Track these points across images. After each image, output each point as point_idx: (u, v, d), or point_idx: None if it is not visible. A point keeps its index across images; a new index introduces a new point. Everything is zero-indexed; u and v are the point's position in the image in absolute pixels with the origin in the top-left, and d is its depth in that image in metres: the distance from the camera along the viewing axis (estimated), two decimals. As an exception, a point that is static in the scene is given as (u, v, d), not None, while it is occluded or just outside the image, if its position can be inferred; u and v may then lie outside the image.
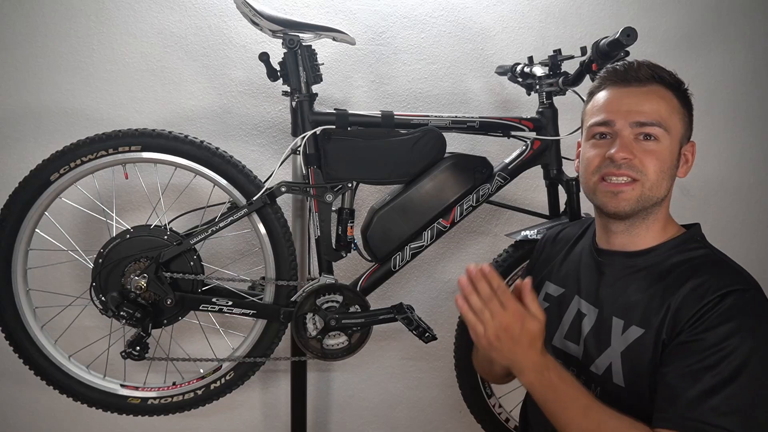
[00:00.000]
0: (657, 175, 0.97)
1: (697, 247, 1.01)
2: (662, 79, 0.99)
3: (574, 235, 1.21)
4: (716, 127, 1.98)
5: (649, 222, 1.01)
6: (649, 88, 0.99)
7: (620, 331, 0.98)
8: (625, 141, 0.97)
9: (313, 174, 1.44)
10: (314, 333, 1.44)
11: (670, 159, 0.98)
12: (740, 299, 0.88)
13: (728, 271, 0.95)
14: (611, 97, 1.01)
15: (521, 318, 0.89)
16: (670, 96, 0.99)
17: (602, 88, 1.04)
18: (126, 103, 1.76)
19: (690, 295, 0.91)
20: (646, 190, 0.97)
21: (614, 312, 1.00)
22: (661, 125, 0.96)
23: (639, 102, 0.98)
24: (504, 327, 0.89)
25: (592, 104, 1.05)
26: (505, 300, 0.90)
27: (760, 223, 2.04)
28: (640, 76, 0.99)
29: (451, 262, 1.94)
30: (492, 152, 1.76)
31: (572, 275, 1.13)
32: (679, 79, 1.02)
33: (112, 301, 1.34)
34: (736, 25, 1.95)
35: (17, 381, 1.81)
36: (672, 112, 0.98)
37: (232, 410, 1.90)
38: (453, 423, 1.99)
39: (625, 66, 1.02)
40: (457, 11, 1.85)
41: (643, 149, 0.97)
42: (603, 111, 1.01)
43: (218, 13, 1.76)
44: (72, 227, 1.73)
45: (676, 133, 0.99)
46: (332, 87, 1.81)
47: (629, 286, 1.00)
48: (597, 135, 1.02)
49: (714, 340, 0.86)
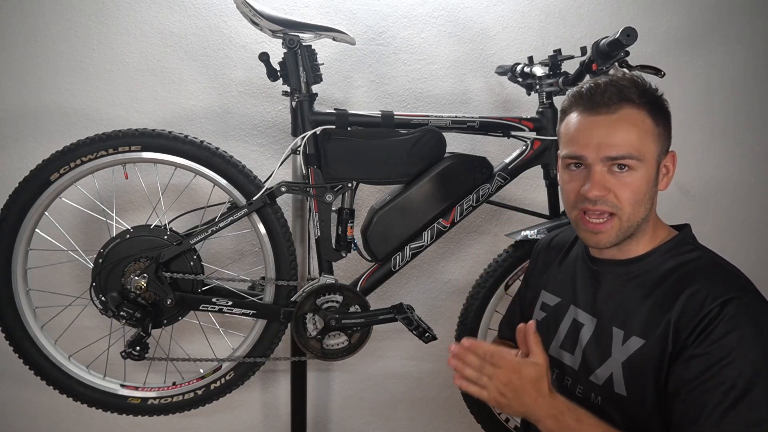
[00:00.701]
0: (632, 206, 0.95)
1: (690, 249, 1.00)
2: (630, 100, 0.95)
3: (567, 240, 1.21)
4: (716, 127, 1.98)
5: (637, 238, 1.00)
6: (618, 115, 0.95)
7: (620, 341, 0.97)
8: (598, 177, 0.95)
9: (313, 174, 1.44)
10: (314, 333, 1.44)
11: (646, 185, 0.96)
12: (740, 306, 0.88)
13: (723, 276, 0.94)
14: (581, 128, 0.97)
15: (517, 369, 0.92)
16: (642, 117, 0.95)
17: (571, 111, 1.01)
18: (126, 103, 1.76)
19: (689, 304, 0.91)
20: (624, 222, 0.96)
21: (614, 322, 1.00)
22: (633, 157, 0.94)
23: (609, 133, 0.94)
24: (504, 383, 0.92)
25: (564, 128, 1.02)
26: (496, 360, 0.93)
27: (760, 223, 2.04)
28: (606, 101, 0.95)
29: (451, 262, 1.94)
30: (492, 152, 1.76)
31: (568, 284, 1.12)
32: (650, 94, 0.97)
33: (112, 301, 1.34)
34: (736, 25, 1.95)
35: (17, 381, 1.81)
36: (644, 137, 0.95)
37: (232, 410, 1.90)
38: (453, 423, 1.99)
39: (591, 90, 0.97)
40: (457, 11, 1.85)
41: (618, 182, 0.95)
42: (574, 144, 0.98)
43: (218, 13, 1.76)
44: (72, 227, 1.73)
45: (651, 156, 0.96)
46: (332, 87, 1.81)
47: (626, 295, 1.00)
48: (571, 165, 1.00)
49: (723, 353, 0.86)
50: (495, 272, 1.54)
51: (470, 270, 1.94)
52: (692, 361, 0.88)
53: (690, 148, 1.96)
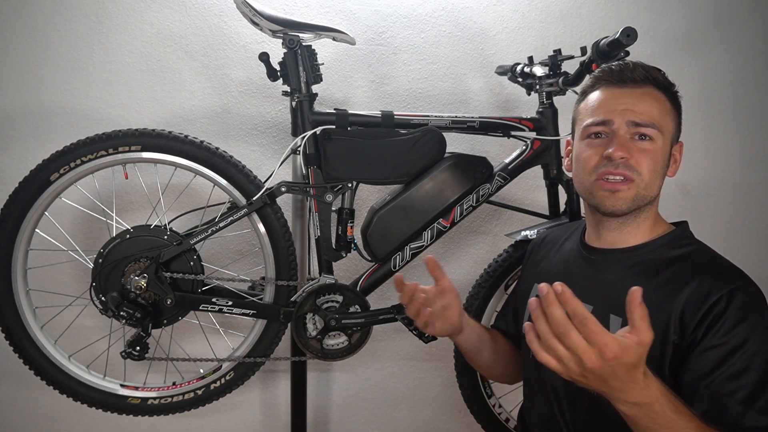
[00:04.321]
0: (651, 174, 0.99)
1: (688, 243, 1.03)
2: (656, 81, 1.02)
3: (560, 237, 1.23)
4: (716, 127, 1.98)
5: (640, 220, 1.03)
6: (643, 90, 1.01)
7: (618, 327, 0.97)
8: (622, 140, 0.99)
9: (313, 174, 1.44)
10: (314, 333, 1.44)
11: (662, 159, 1.01)
12: (746, 295, 0.90)
13: (724, 267, 0.97)
14: (607, 97, 1.03)
15: (617, 356, 0.71)
16: (663, 98, 1.02)
17: (596, 88, 1.06)
18: (126, 103, 1.76)
19: (693, 295, 0.92)
20: (641, 189, 0.99)
21: (611, 309, 1.00)
22: (655, 126, 0.99)
23: (635, 102, 1.00)
24: (591, 368, 0.72)
25: (585, 104, 1.07)
26: (588, 331, 0.72)
27: (760, 222, 2.04)
28: (635, 77, 1.01)
29: (451, 262, 1.94)
30: (492, 152, 1.76)
31: (561, 275, 1.13)
32: (670, 81, 1.04)
33: (112, 301, 1.34)
34: (735, 25, 1.95)
35: (17, 381, 1.81)
36: (665, 113, 1.01)
37: (232, 410, 1.90)
38: (453, 423, 1.99)
39: (620, 66, 1.04)
40: (457, 11, 1.85)
41: (639, 149, 0.99)
42: (600, 110, 1.02)
43: (218, 13, 1.76)
44: (72, 227, 1.73)
45: (668, 133, 1.01)
46: (332, 87, 1.81)
47: (624, 281, 1.00)
48: (593, 134, 1.03)
49: (737, 342, 0.87)
50: (495, 272, 1.54)
51: (470, 270, 1.94)
52: (707, 353, 0.88)
53: (690, 148, 1.95)
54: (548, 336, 0.74)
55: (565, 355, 0.73)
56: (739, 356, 0.86)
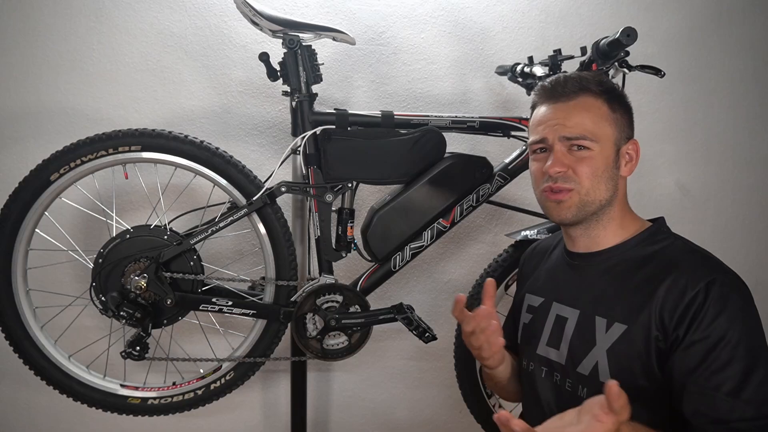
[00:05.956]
0: (590, 180, 1.01)
1: (664, 238, 1.04)
2: (589, 90, 1.04)
3: (549, 246, 1.25)
4: (716, 127, 1.98)
5: (603, 222, 1.05)
6: (575, 101, 1.03)
7: (604, 329, 0.99)
8: (558, 155, 1.03)
9: (313, 174, 1.44)
10: (314, 333, 1.44)
11: (603, 163, 1.02)
12: (723, 286, 0.91)
13: (701, 260, 0.98)
14: (542, 115, 1.07)
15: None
16: (598, 104, 1.03)
17: (538, 105, 1.10)
18: (126, 103, 1.76)
19: (671, 291, 0.93)
20: (582, 196, 1.02)
21: (595, 311, 1.02)
22: (586, 137, 1.01)
23: (565, 117, 1.03)
24: None
25: (531, 121, 1.12)
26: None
27: (760, 223, 2.04)
28: (566, 91, 1.04)
29: (451, 262, 1.94)
30: (492, 152, 1.77)
31: (549, 283, 1.16)
32: (609, 86, 1.06)
33: (112, 301, 1.34)
34: (736, 26, 1.95)
35: (17, 381, 1.81)
36: (599, 120, 1.02)
37: (232, 410, 1.90)
38: (453, 423, 1.99)
39: (552, 83, 1.07)
40: (457, 11, 1.85)
41: (576, 158, 1.02)
42: (537, 129, 1.07)
43: (218, 13, 1.76)
44: (72, 227, 1.73)
45: (607, 138, 1.03)
46: (332, 87, 1.81)
47: (605, 283, 1.03)
48: (537, 150, 1.08)
49: (718, 335, 0.88)
50: (495, 272, 1.54)
51: (470, 270, 1.94)
52: (691, 348, 0.89)
53: (690, 148, 1.96)
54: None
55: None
56: (721, 348, 0.88)
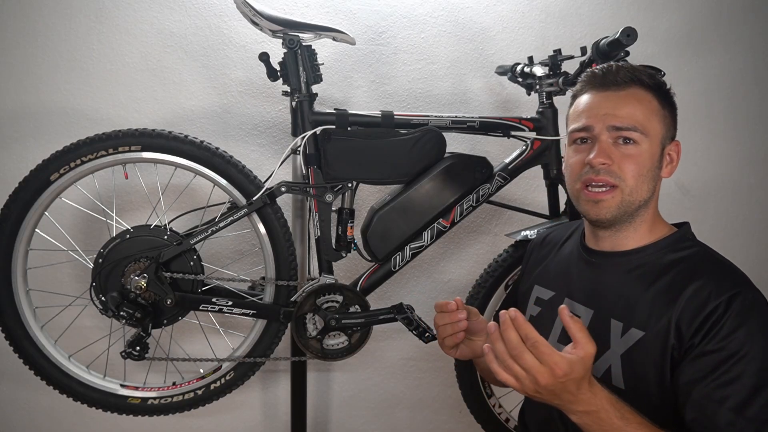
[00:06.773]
0: (635, 179, 0.97)
1: (690, 245, 1.00)
2: (641, 82, 0.99)
3: (561, 237, 1.21)
4: (716, 127, 1.98)
5: (635, 224, 1.01)
6: (627, 92, 0.99)
7: (619, 333, 0.97)
8: (603, 146, 0.98)
9: (313, 174, 1.44)
10: (314, 333, 1.44)
11: (650, 161, 0.98)
12: (745, 301, 0.88)
13: (725, 272, 0.95)
14: (590, 102, 1.02)
15: (566, 373, 0.79)
16: (649, 98, 0.99)
17: (583, 92, 1.05)
18: (126, 103, 1.76)
19: (692, 301, 0.90)
20: (626, 195, 0.98)
21: (612, 314, 0.99)
22: (637, 129, 0.97)
23: (616, 106, 0.98)
24: (543, 385, 0.80)
25: (573, 108, 1.06)
26: (539, 353, 0.80)
27: (760, 223, 2.04)
28: (618, 80, 1.00)
29: (451, 262, 1.94)
30: (492, 152, 1.77)
31: (561, 278, 1.13)
32: (659, 81, 1.02)
33: (112, 301, 1.34)
34: (735, 26, 1.95)
35: (17, 381, 1.81)
36: (650, 114, 0.98)
37: (232, 410, 1.90)
38: (453, 423, 1.99)
39: (603, 70, 1.02)
40: (457, 11, 1.85)
41: (622, 153, 0.97)
42: (582, 116, 1.02)
43: (218, 13, 1.76)
44: (72, 227, 1.73)
45: (656, 135, 0.99)
46: (332, 87, 1.81)
47: (625, 286, 1.00)
48: (578, 140, 1.03)
49: (733, 349, 0.86)
50: (495, 272, 1.54)
51: (470, 270, 1.94)
52: (703, 358, 0.87)
53: (690, 148, 1.96)
54: (505, 357, 0.82)
55: (521, 374, 0.81)
56: (734, 363, 0.85)
